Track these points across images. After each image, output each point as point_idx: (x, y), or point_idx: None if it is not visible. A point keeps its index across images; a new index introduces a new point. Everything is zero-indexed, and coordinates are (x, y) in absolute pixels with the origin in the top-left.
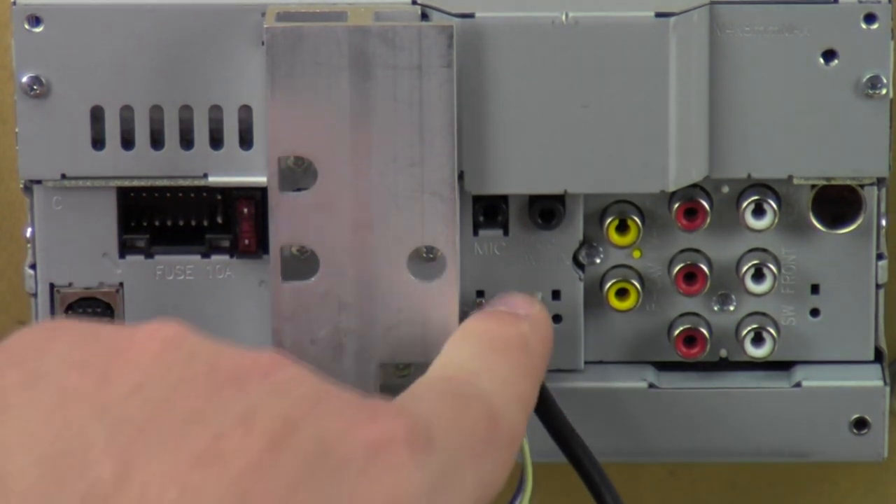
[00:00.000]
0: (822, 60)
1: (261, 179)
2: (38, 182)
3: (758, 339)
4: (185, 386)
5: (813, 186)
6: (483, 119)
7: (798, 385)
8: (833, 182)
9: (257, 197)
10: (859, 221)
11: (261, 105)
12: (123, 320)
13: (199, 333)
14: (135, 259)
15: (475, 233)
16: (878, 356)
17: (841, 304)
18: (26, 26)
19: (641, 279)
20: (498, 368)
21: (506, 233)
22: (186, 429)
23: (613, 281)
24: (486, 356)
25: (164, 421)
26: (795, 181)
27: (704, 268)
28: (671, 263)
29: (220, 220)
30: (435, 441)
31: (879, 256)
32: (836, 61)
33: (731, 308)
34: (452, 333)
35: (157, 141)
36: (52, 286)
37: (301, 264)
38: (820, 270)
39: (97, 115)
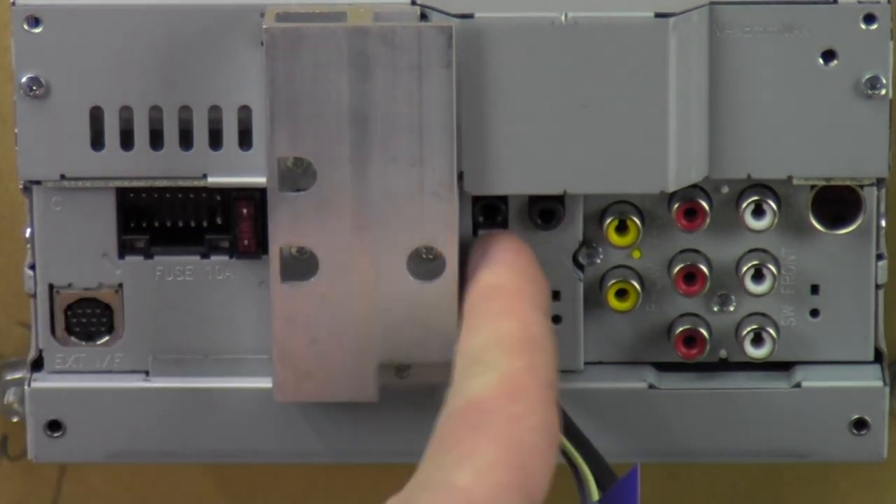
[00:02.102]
0: (821, 61)
1: (260, 180)
2: (38, 182)
3: (757, 340)
4: None
5: (812, 187)
6: (483, 119)
7: (798, 385)
8: (832, 182)
9: (257, 197)
10: (859, 222)
11: (260, 105)
12: (123, 321)
13: None
14: (134, 260)
15: (475, 233)
16: (878, 356)
17: (840, 304)
18: (26, 27)
19: (641, 280)
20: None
21: None
22: None
23: (613, 281)
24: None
25: None
26: (795, 181)
27: (704, 268)
28: (671, 264)
29: (219, 220)
30: None
31: (879, 257)
32: (835, 61)
33: (731, 308)
34: (452, 334)
35: (156, 141)
36: (51, 287)
37: (300, 265)
38: (820, 271)
39: (96, 116)
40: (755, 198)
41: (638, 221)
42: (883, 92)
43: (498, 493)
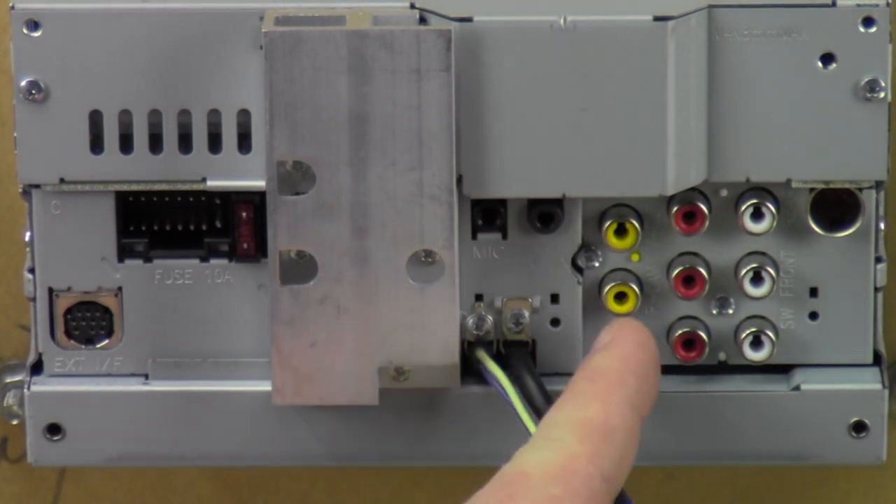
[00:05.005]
0: (820, 64)
1: (259, 183)
2: (37, 186)
3: (756, 343)
4: None
5: (811, 190)
6: (482, 123)
7: (797, 388)
8: (832, 185)
9: (256, 201)
10: (858, 225)
11: (259, 109)
12: (122, 324)
13: None
14: (134, 263)
15: (474, 236)
16: (877, 359)
17: (840, 307)
18: (25, 31)
19: (640, 283)
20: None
21: (504, 236)
22: None
23: (612, 284)
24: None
25: None
26: (794, 184)
27: (703, 271)
28: (670, 267)
29: (218, 223)
30: None
31: (878, 259)
32: (834, 65)
33: (730, 311)
34: (450, 337)
35: (155, 145)
36: (50, 290)
37: (300, 268)
38: (818, 274)
39: (96, 120)
40: (754, 201)
41: (637, 225)
42: (882, 95)
43: None
